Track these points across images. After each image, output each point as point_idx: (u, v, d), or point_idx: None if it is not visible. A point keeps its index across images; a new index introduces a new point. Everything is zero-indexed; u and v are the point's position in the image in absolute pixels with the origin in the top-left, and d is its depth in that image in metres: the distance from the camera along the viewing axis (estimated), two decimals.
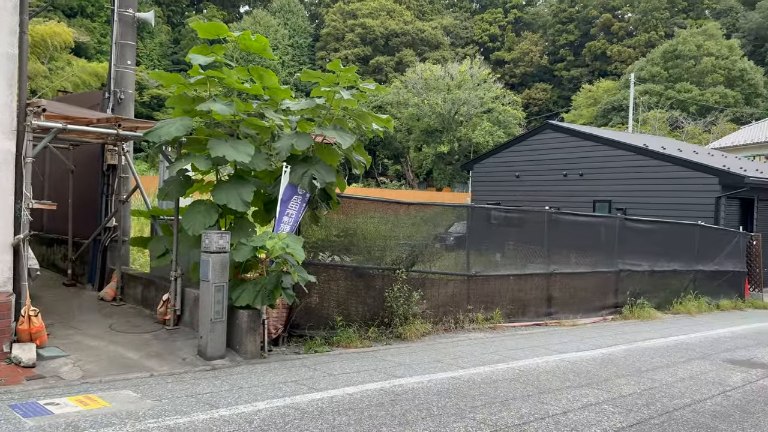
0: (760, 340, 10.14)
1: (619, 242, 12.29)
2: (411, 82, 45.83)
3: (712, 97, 45.07)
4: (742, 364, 8.13)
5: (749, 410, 5.94)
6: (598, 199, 19.58)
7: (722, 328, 11.27)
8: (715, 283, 14.44)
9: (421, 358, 7.40)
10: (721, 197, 16.49)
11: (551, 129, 22.19)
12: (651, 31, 61.01)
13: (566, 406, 5.68)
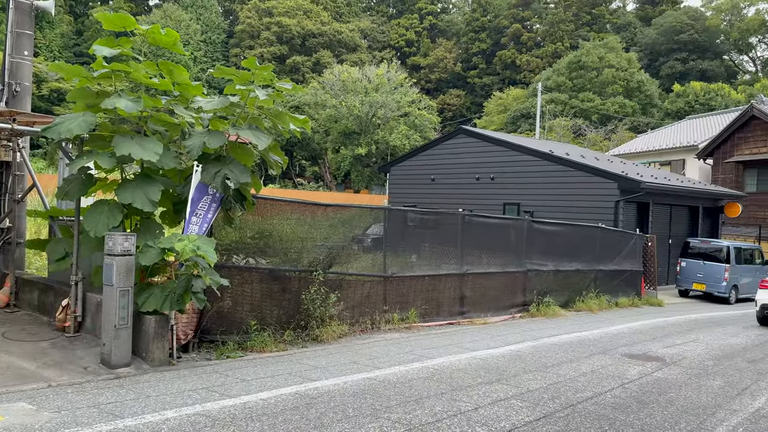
0: (655, 335, 10.89)
1: (527, 243, 12.82)
2: (329, 84, 45.72)
3: (612, 106, 48.01)
4: (638, 358, 8.69)
5: (645, 401, 6.36)
6: (508, 201, 20.34)
7: (621, 324, 12.00)
8: (615, 281, 15.37)
9: (338, 360, 7.37)
10: (620, 201, 17.58)
11: (464, 134, 22.82)
12: (557, 42, 64.17)
13: (478, 402, 5.84)
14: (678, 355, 9.08)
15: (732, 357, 9.23)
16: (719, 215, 22.42)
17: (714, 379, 7.65)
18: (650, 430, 5.39)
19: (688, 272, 18.15)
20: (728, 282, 17.38)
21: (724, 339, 10.92)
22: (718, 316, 14.29)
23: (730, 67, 62.60)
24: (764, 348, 10.25)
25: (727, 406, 6.37)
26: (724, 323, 13.15)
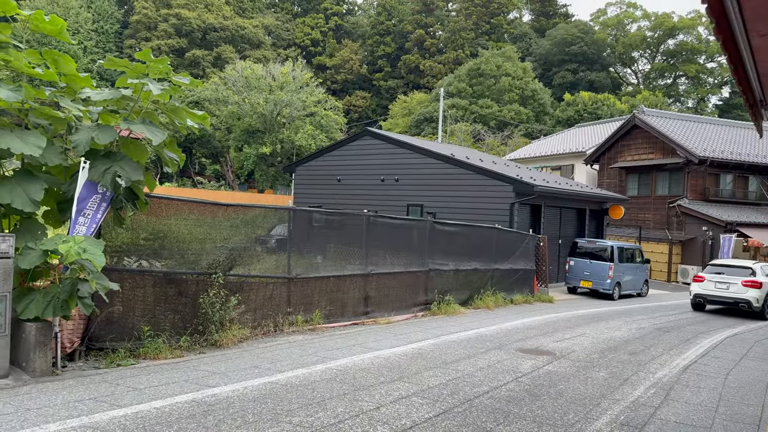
0: (546, 330, 11.50)
1: (429, 244, 13.13)
2: (231, 80, 44.49)
3: (508, 113, 50.31)
4: (531, 353, 9.14)
5: (537, 393, 6.70)
6: (411, 203, 20.74)
7: (516, 321, 12.57)
8: (510, 280, 16.09)
9: (238, 364, 7.18)
10: (515, 203, 18.43)
11: (370, 136, 23.02)
12: (459, 49, 66.33)
13: (380, 401, 5.90)
14: (567, 348, 9.65)
15: (615, 350, 9.93)
16: (604, 217, 24.08)
17: (599, 370, 8.19)
18: (541, 421, 5.68)
19: (576, 270, 19.33)
20: (612, 279, 18.70)
21: (608, 333, 11.72)
22: (603, 312, 15.33)
23: (615, 78, 67.50)
24: (644, 341, 11.11)
25: (611, 396, 6.84)
26: (609, 318, 14.13)
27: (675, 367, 8.81)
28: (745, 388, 7.84)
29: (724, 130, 31.74)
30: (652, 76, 66.63)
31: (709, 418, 6.27)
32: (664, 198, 28.75)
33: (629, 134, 30.87)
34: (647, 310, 16.28)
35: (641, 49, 65.85)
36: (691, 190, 27.81)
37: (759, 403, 7.14)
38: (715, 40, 3.73)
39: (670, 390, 7.36)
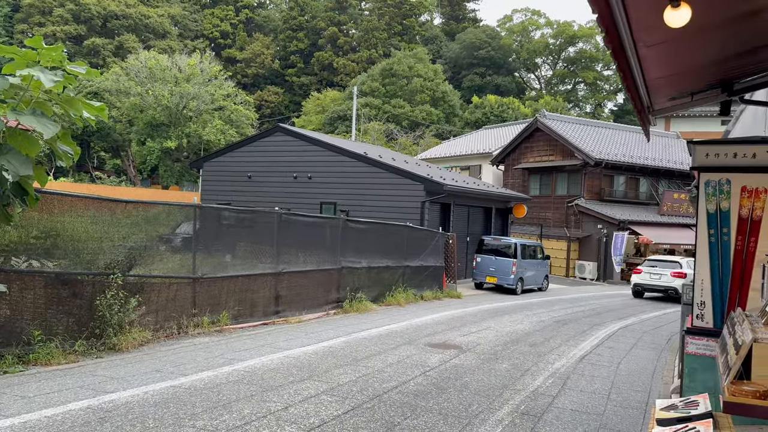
0: (454, 325, 11.83)
1: (342, 241, 13.14)
2: (134, 70, 42.32)
3: (420, 114, 51.29)
4: (439, 347, 9.37)
5: (443, 387, 6.87)
6: (324, 201, 20.66)
7: (425, 316, 12.84)
8: (421, 276, 16.42)
9: (138, 369, 6.85)
10: (426, 201, 18.82)
11: (282, 132, 22.69)
12: (372, 49, 66.79)
13: (288, 401, 5.83)
14: (473, 342, 9.97)
15: (518, 342, 10.38)
16: (509, 215, 25.10)
17: (502, 362, 8.53)
18: (447, 413, 5.83)
19: (483, 267, 20.02)
20: (515, 275, 19.51)
21: (511, 326, 12.23)
22: (507, 306, 15.98)
23: (520, 83, 70.49)
24: (544, 333, 11.68)
25: (512, 387, 7.14)
26: (512, 312, 14.74)
27: (572, 358, 9.33)
28: (634, 376, 8.43)
29: (618, 134, 33.94)
30: (554, 81, 70.16)
31: (602, 405, 6.69)
32: (564, 198, 30.36)
33: (532, 137, 32.34)
34: (547, 304, 17.13)
35: (544, 55, 69.17)
36: (588, 191, 29.53)
37: (646, 389, 7.70)
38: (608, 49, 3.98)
39: (567, 379, 7.79)
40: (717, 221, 5.76)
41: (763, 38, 4.88)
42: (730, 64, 5.48)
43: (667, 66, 4.96)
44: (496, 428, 5.51)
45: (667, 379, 8.32)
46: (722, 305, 5.72)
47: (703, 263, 5.80)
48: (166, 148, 40.34)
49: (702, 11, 3.53)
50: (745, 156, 5.61)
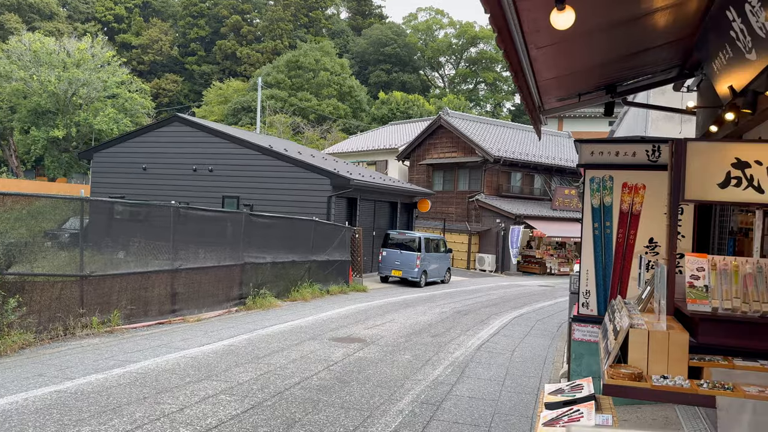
0: (359, 319, 11.89)
1: (245, 236, 12.81)
2: (16, 53, 38.96)
3: (327, 108, 51.02)
4: (343, 341, 9.38)
5: (346, 380, 6.88)
6: (227, 195, 20.06)
7: (330, 311, 12.81)
8: (327, 271, 16.36)
9: (18, 374, 6.33)
10: (332, 196, 18.76)
11: (180, 122, 21.76)
12: (277, 39, 65.53)
13: (184, 402, 5.61)
14: (377, 335, 10.07)
15: (420, 333, 10.60)
16: (413, 210, 25.58)
17: (405, 353, 8.67)
18: (349, 406, 5.85)
19: (388, 260, 20.27)
20: (420, 268, 19.92)
21: (414, 318, 12.48)
22: (411, 298, 16.29)
23: (425, 81, 71.87)
24: (445, 323, 12.01)
25: (414, 377, 7.28)
26: (416, 304, 15.04)
27: (471, 347, 9.66)
28: (527, 362, 8.86)
29: (515, 133, 35.49)
30: (457, 80, 72.16)
31: (497, 391, 6.98)
32: (465, 193, 31.35)
33: (435, 134, 33.11)
34: (449, 296, 17.64)
35: (448, 54, 70.95)
36: (488, 186, 30.67)
37: (538, 374, 8.12)
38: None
39: (466, 368, 8.06)
40: (601, 215, 6.15)
41: (641, 44, 5.26)
42: (613, 67, 5.86)
43: (556, 68, 5.22)
44: (397, 418, 5.60)
45: (557, 364, 8.81)
46: (605, 294, 6.13)
47: (588, 255, 6.18)
48: (53, 137, 37.54)
49: (586, 16, 3.73)
50: (626, 154, 6.02)
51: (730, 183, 3.62)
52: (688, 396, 3.05)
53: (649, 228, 5.88)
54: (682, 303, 3.63)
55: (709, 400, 2.98)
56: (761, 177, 3.58)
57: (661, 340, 3.26)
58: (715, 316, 3.38)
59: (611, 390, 3.20)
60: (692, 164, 3.68)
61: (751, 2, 3.58)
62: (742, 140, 5.11)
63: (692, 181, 3.67)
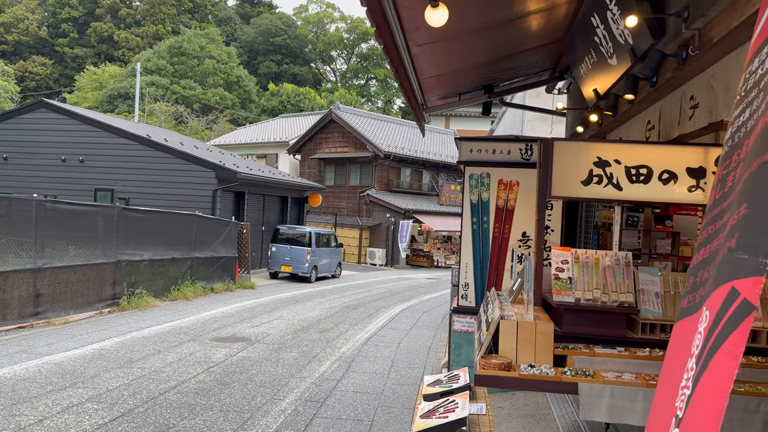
0: (245, 317, 11.55)
1: (120, 232, 12.00)
2: None
3: (213, 97, 49.12)
4: (226, 341, 9.05)
5: (227, 382, 6.63)
6: (100, 187, 18.71)
7: (214, 309, 12.34)
8: (211, 268, 15.75)
9: None
10: (218, 190, 18.08)
11: (47, 108, 19.98)
12: (159, 24, 62.10)
13: (44, 413, 5.13)
14: (263, 333, 9.83)
15: (308, 329, 10.48)
16: (304, 204, 25.30)
17: (291, 351, 8.53)
18: (228, 409, 5.63)
19: (278, 256, 19.90)
20: (310, 263, 19.74)
21: (303, 314, 12.33)
22: (301, 294, 16.10)
23: (316, 74, 71.33)
24: (334, 318, 11.97)
25: (299, 375, 7.17)
26: (305, 300, 14.88)
27: (358, 341, 9.69)
28: (412, 354, 9.03)
29: (405, 129, 36.17)
30: (348, 75, 72.34)
31: (382, 384, 7.04)
32: (356, 188, 31.52)
33: (327, 128, 32.98)
34: (339, 290, 17.65)
35: (339, 49, 70.88)
36: (378, 181, 31.04)
37: (422, 365, 8.30)
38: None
39: (352, 362, 8.06)
40: (479, 210, 6.37)
41: (516, 46, 5.48)
42: (491, 68, 6.08)
43: (437, 66, 5.32)
44: (279, 418, 5.47)
45: (440, 355, 9.06)
46: (483, 286, 6.36)
47: (467, 248, 6.38)
48: None
49: (461, 15, 3.81)
50: (502, 152, 6.28)
51: (593, 180, 3.85)
52: (553, 384, 3.21)
53: (522, 223, 6.17)
54: (550, 294, 3.82)
55: (572, 386, 3.15)
56: (620, 175, 3.84)
57: (528, 330, 3.41)
58: (578, 307, 3.59)
59: (483, 380, 3.29)
60: (558, 163, 3.87)
61: (612, 10, 3.83)
62: (604, 140, 5.49)
63: (558, 178, 3.86)
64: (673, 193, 3.73)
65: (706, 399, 1.43)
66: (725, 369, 1.38)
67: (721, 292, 1.57)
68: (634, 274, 3.60)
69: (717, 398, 1.36)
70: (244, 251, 18.09)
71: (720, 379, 1.38)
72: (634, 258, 3.80)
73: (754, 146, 1.70)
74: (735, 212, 1.68)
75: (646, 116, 4.45)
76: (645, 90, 3.96)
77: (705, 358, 1.50)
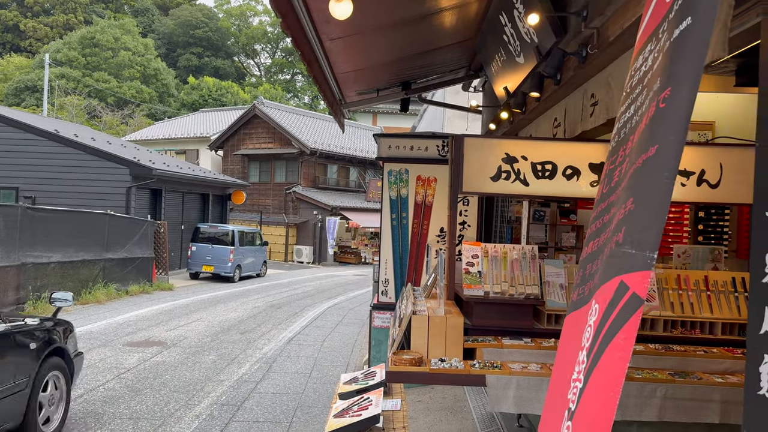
0: (161, 320, 11.10)
1: (23, 233, 11.24)
2: None
3: (129, 90, 46.97)
4: (140, 345, 8.65)
5: (139, 388, 6.33)
6: (3, 185, 17.47)
7: (128, 313, 11.80)
8: (126, 269, 15.04)
9: None
10: (132, 187, 17.29)
11: None
12: (70, 13, 58.72)
13: None
14: (180, 336, 9.48)
15: (228, 331, 10.20)
16: (227, 202, 24.66)
17: (209, 354, 8.26)
18: (139, 416, 5.38)
19: (199, 256, 19.29)
20: (233, 263, 19.26)
21: (224, 315, 12.00)
22: (223, 294, 15.67)
23: (239, 68, 69.67)
24: (257, 319, 11.72)
25: (216, 378, 6.95)
26: (227, 300, 14.50)
27: (281, 340, 9.53)
28: (336, 351, 8.97)
29: (331, 126, 35.94)
30: (273, 70, 71.15)
31: (303, 384, 6.94)
32: (282, 185, 31.06)
33: (251, 123, 32.29)
34: (264, 290, 17.33)
35: (263, 42, 69.56)
36: (305, 178, 30.72)
37: (345, 363, 8.25)
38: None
39: (273, 363, 7.91)
40: (398, 206, 6.39)
41: (430, 43, 5.52)
42: (407, 64, 6.10)
43: (352, 61, 5.27)
44: (193, 423, 5.27)
45: (364, 351, 9.04)
46: (402, 282, 6.39)
47: (387, 244, 6.39)
48: None
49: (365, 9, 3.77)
50: (420, 149, 6.32)
51: (501, 176, 3.92)
52: (462, 377, 3.24)
53: (441, 218, 6.24)
54: (461, 289, 3.86)
55: (480, 379, 3.19)
56: (527, 171, 3.92)
57: (439, 324, 3.43)
58: (487, 300, 3.64)
59: (394, 377, 3.28)
60: (469, 159, 3.92)
61: (518, 8, 3.90)
62: (515, 137, 5.63)
63: (469, 174, 3.91)
64: (577, 188, 3.86)
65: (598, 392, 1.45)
66: (617, 362, 1.41)
67: (610, 285, 1.60)
68: (540, 267, 3.70)
69: (609, 391, 1.38)
70: (161, 251, 17.41)
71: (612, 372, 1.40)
72: (540, 251, 3.90)
73: (638, 142, 1.75)
74: (622, 207, 1.72)
75: (553, 114, 4.59)
76: (550, 88, 4.07)
77: (597, 352, 1.52)
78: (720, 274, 3.73)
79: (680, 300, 3.60)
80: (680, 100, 1.50)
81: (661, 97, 1.58)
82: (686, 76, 1.50)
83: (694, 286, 3.64)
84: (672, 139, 1.48)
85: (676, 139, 1.47)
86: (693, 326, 3.59)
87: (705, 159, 3.84)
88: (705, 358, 3.36)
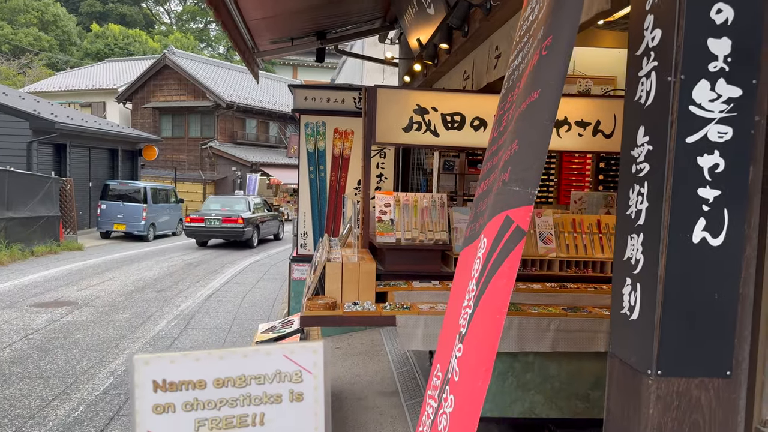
0: (71, 280, 10.65)
1: None
2: None
3: (26, 38, 43.27)
4: (49, 306, 8.32)
5: (48, 348, 6.13)
6: None
7: (35, 274, 11.24)
8: (30, 229, 14.22)
9: None
10: (33, 142, 16.20)
11: None
12: None
13: None
14: (92, 296, 9.17)
15: (144, 290, 9.96)
16: (138, 158, 23.58)
17: (123, 313, 8.07)
18: (49, 375, 5.24)
19: (109, 214, 18.47)
20: (146, 221, 18.58)
21: (139, 274, 11.67)
22: (137, 254, 15.17)
23: (147, 15, 65.55)
24: (173, 277, 11.48)
25: (131, 336, 6.83)
26: (142, 259, 14.07)
27: (199, 298, 9.43)
28: (257, 306, 8.99)
29: (248, 78, 34.71)
30: (185, 18, 67.47)
31: (222, 338, 6.95)
32: (197, 140, 29.99)
33: (161, 74, 30.70)
34: (181, 248, 16.91)
35: None
36: (221, 133, 29.78)
37: (266, 316, 8.30)
38: None
39: (191, 319, 7.85)
40: (315, 159, 6.40)
41: None
42: (322, 13, 6.01)
43: (263, 8, 5.14)
44: (107, 380, 5.20)
45: (284, 305, 9.12)
46: (321, 234, 6.46)
47: (305, 197, 6.42)
48: None
49: None
50: (336, 101, 6.31)
51: (413, 127, 4.02)
52: (374, 318, 3.39)
53: (358, 171, 6.31)
54: (375, 237, 3.98)
55: (390, 319, 3.34)
56: (437, 122, 4.04)
57: (352, 271, 3.54)
58: (399, 246, 3.78)
59: (308, 321, 3.38)
60: (381, 110, 3.98)
61: None
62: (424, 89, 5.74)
63: (382, 125, 3.98)
64: (484, 139, 4.02)
65: (486, 316, 1.59)
66: (502, 288, 1.55)
67: (496, 221, 1.74)
68: (449, 214, 3.87)
69: (496, 314, 1.53)
70: (68, 210, 16.54)
71: (498, 297, 1.55)
72: (449, 199, 4.08)
73: (524, 88, 1.88)
74: (508, 149, 1.86)
75: (463, 66, 4.71)
76: (459, 41, 4.17)
77: (485, 280, 1.66)
78: (611, 218, 4.05)
79: (575, 242, 3.89)
80: (560, 47, 1.62)
81: (544, 45, 1.70)
82: (566, 25, 1.63)
83: (588, 229, 3.93)
84: (552, 83, 1.61)
85: (556, 84, 1.60)
86: (586, 266, 3.90)
87: (601, 111, 4.10)
88: (595, 294, 3.68)
